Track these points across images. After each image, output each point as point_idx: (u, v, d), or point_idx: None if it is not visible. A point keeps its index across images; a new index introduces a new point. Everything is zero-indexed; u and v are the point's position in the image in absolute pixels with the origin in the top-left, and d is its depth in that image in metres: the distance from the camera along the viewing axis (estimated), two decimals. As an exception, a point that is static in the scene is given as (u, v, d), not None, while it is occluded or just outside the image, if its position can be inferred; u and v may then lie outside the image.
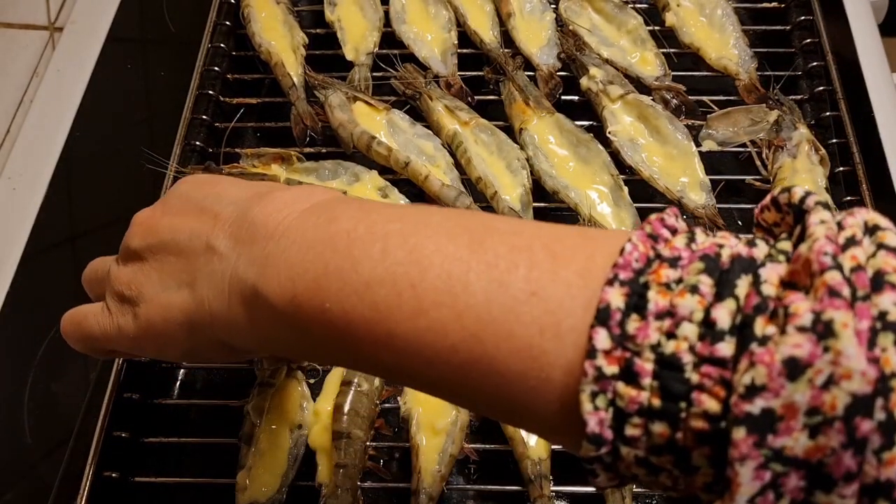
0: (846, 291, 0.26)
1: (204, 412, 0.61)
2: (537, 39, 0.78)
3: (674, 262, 0.29)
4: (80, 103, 0.78)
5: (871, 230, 0.28)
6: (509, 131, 0.72)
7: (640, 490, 0.56)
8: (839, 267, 0.26)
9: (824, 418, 0.24)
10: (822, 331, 0.25)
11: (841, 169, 0.69)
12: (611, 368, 0.28)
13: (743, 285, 0.28)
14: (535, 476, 0.56)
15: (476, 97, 0.76)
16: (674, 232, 0.31)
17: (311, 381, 0.61)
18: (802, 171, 0.67)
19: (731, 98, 0.74)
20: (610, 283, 0.29)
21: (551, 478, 0.56)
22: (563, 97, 0.75)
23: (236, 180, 0.44)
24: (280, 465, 0.56)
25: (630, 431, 0.28)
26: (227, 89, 0.78)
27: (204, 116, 0.74)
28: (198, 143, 0.73)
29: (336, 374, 0.60)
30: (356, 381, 0.59)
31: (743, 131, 0.71)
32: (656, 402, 0.27)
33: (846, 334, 0.25)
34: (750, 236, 0.30)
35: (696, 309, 0.27)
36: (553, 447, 0.57)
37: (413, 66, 0.77)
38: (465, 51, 0.79)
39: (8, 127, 0.78)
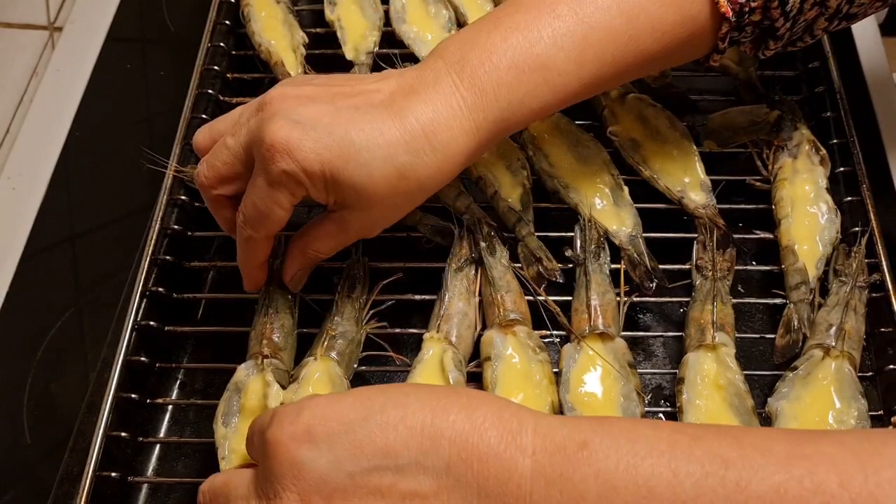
0: None
1: (203, 412, 0.61)
2: (537, 39, 0.78)
3: None
4: (80, 103, 0.78)
5: None
6: (509, 131, 0.72)
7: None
8: None
9: None
10: None
11: (841, 169, 0.69)
12: None
13: None
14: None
15: (476, 97, 0.76)
16: None
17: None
18: (803, 172, 0.67)
19: (731, 98, 0.74)
20: None
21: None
22: (563, 97, 0.75)
23: (371, 399, 0.39)
24: None
25: None
26: (226, 89, 0.78)
27: (203, 116, 0.74)
28: (197, 142, 0.73)
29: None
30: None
31: (743, 131, 0.71)
32: None
33: None
34: None
35: None
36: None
37: (413, 66, 0.76)
38: (465, 50, 0.79)
39: (7, 127, 0.78)
